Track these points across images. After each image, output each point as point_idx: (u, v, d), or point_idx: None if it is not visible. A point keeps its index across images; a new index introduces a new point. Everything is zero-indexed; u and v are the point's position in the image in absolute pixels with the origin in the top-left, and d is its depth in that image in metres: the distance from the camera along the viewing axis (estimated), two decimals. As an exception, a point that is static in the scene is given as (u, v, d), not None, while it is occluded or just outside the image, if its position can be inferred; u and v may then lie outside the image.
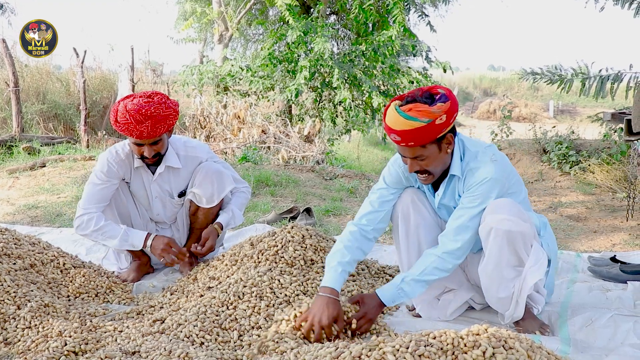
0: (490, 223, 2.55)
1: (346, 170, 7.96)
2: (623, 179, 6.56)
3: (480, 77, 39.06)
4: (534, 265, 2.59)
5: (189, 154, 3.61)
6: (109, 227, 3.44)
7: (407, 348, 1.94)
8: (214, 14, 14.08)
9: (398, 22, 10.94)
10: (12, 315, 2.72)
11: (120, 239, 3.43)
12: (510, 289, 2.63)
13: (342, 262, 2.70)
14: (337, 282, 2.65)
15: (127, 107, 3.19)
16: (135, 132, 3.21)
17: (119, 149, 3.52)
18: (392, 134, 2.52)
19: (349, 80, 11.04)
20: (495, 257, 2.58)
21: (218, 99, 11.81)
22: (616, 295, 3.08)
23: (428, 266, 2.63)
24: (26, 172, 7.34)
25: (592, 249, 4.38)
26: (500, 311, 2.74)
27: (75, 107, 11.61)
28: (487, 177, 2.58)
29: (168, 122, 3.28)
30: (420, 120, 2.44)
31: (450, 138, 2.59)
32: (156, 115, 3.21)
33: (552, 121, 23.87)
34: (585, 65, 7.70)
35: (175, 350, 2.36)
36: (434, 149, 2.56)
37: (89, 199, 3.45)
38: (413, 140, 2.49)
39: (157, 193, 3.61)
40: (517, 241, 2.54)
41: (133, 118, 3.17)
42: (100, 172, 3.45)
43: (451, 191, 2.73)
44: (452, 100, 2.50)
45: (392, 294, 2.65)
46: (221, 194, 3.61)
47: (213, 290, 3.00)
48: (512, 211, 2.55)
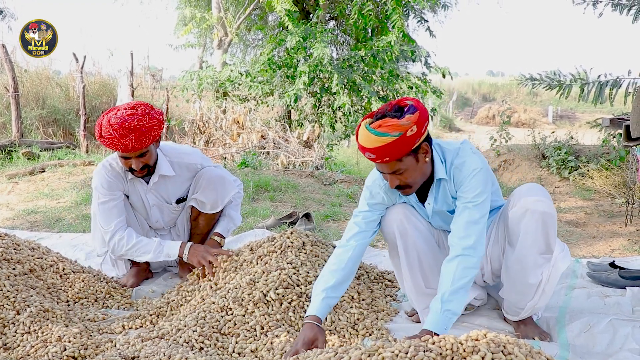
0: (525, 204, 2.55)
1: (345, 175, 7.96)
2: (622, 185, 6.57)
3: (479, 82, 39.10)
4: (561, 252, 2.60)
5: (183, 160, 3.57)
6: (142, 243, 3.43)
7: (407, 353, 1.94)
8: (214, 19, 14.09)
9: (397, 27, 10.96)
10: (11, 320, 2.73)
11: (155, 251, 3.42)
12: (539, 277, 2.62)
13: (325, 288, 2.63)
14: (319, 310, 2.58)
15: (110, 122, 3.14)
16: (120, 145, 3.16)
17: (112, 162, 3.48)
18: (366, 152, 2.49)
19: (348, 86, 11.05)
20: (530, 239, 2.56)
21: (217, 104, 11.82)
22: (615, 300, 3.08)
23: (455, 272, 2.50)
24: (25, 177, 7.34)
25: (591, 255, 4.38)
26: (519, 304, 2.71)
27: (75, 112, 11.62)
28: (476, 167, 2.58)
29: (153, 133, 3.22)
30: (391, 135, 2.40)
31: (425, 147, 2.55)
32: (139, 128, 3.15)
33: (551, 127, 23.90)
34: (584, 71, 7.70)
35: (175, 356, 2.37)
36: (411, 161, 2.52)
37: (107, 217, 3.42)
38: (388, 156, 2.46)
39: (154, 201, 3.60)
40: (550, 224, 2.54)
41: (117, 132, 3.12)
42: (101, 186, 3.42)
43: (442, 196, 2.71)
44: (421, 110, 2.46)
45: (441, 321, 2.43)
46: (225, 200, 3.61)
47: (212, 295, 3.00)
48: (544, 193, 2.58)
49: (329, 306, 2.62)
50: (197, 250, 3.42)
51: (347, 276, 2.71)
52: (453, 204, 2.70)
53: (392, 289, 3.36)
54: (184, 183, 3.63)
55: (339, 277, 2.67)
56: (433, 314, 2.45)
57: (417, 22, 13.98)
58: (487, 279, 2.90)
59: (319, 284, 2.66)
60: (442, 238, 2.92)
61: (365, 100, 11.33)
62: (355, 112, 11.39)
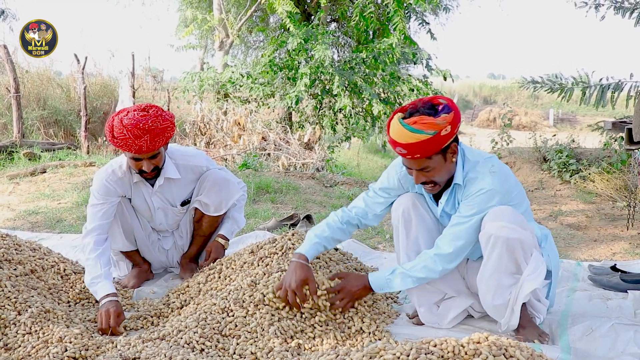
0: (489, 230, 2.58)
1: (346, 177, 7.97)
2: (623, 188, 6.56)
3: (480, 85, 39.08)
4: (532, 274, 2.60)
5: (188, 163, 3.56)
6: (92, 262, 3.21)
7: (408, 356, 1.94)
8: (215, 21, 14.09)
9: (399, 29, 10.96)
10: (12, 321, 2.72)
11: (91, 279, 3.17)
12: (507, 297, 2.64)
13: (319, 235, 2.88)
14: (309, 251, 2.84)
15: (123, 122, 3.11)
16: (133, 147, 3.13)
17: (115, 167, 3.43)
18: (397, 147, 2.54)
19: (349, 88, 11.05)
20: (494, 264, 2.60)
21: (218, 105, 11.82)
22: (616, 304, 3.08)
23: (418, 264, 2.73)
24: (27, 178, 7.34)
25: (593, 258, 4.38)
26: (497, 319, 2.75)
27: (76, 113, 11.63)
28: (483, 188, 2.61)
29: (166, 135, 3.21)
30: (426, 133, 2.46)
31: (454, 147, 2.61)
32: (154, 129, 3.13)
33: (552, 130, 23.88)
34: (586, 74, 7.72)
35: (176, 357, 2.37)
36: (440, 160, 2.58)
37: (91, 219, 3.38)
38: (419, 153, 2.51)
39: (158, 204, 3.59)
40: (516, 249, 2.56)
41: (131, 133, 3.09)
42: (97, 192, 3.39)
43: (453, 200, 2.76)
44: (455, 111, 2.53)
45: (381, 281, 2.79)
46: (229, 202, 3.60)
47: (213, 297, 3.00)
48: (512, 219, 2.57)
49: (318, 251, 2.91)
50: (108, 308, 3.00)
51: (341, 235, 2.97)
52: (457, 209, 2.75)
53: (392, 292, 3.35)
54: (189, 185, 3.61)
55: (335, 233, 2.93)
56: (381, 273, 2.82)
57: (418, 24, 14.01)
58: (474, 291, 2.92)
59: (314, 231, 2.91)
60: None
61: (366, 102, 11.32)
62: (356, 114, 11.39)
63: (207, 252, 3.62)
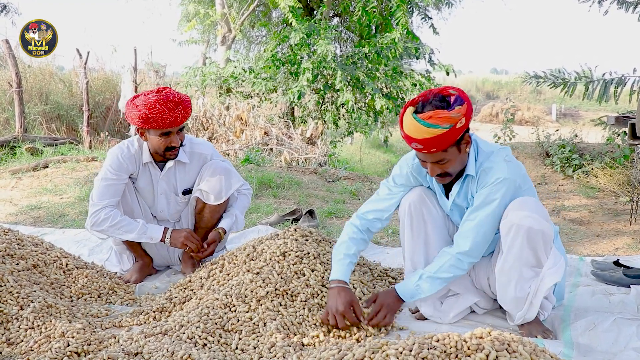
0: (512, 219, 2.56)
1: (349, 172, 7.96)
2: (626, 183, 6.55)
3: (483, 80, 39.03)
4: (552, 267, 2.59)
5: (195, 150, 3.63)
6: (126, 222, 3.44)
7: (411, 351, 1.94)
8: (217, 15, 14.08)
9: (401, 24, 10.93)
10: (15, 316, 2.72)
11: (138, 232, 3.44)
12: (526, 290, 2.63)
13: (348, 254, 2.82)
14: (345, 274, 2.77)
15: (150, 100, 3.25)
16: (169, 119, 3.26)
17: (128, 144, 3.53)
18: (413, 142, 2.52)
19: (352, 83, 11.03)
20: (515, 254, 2.59)
21: (221, 100, 11.82)
22: (619, 299, 3.07)
23: (444, 264, 2.71)
24: (29, 173, 7.35)
25: (595, 253, 4.37)
26: (511, 312, 2.73)
27: (78, 108, 11.63)
28: (500, 177, 2.60)
29: (190, 107, 3.37)
30: (442, 127, 2.45)
31: (467, 138, 2.62)
32: (183, 101, 3.31)
33: (554, 125, 23.85)
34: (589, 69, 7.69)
35: (178, 352, 2.37)
36: (455, 152, 2.59)
37: (103, 194, 3.43)
38: (435, 147, 2.51)
39: (162, 189, 3.62)
40: (537, 240, 2.55)
41: (165, 106, 3.24)
42: (111, 167, 3.45)
43: (464, 191, 2.75)
44: (468, 102, 2.52)
45: (410, 290, 2.75)
46: (229, 191, 3.61)
47: (216, 292, 3.00)
48: (536, 209, 2.57)
49: (351, 270, 2.83)
50: (179, 233, 3.49)
51: (364, 245, 2.94)
52: (471, 201, 2.73)
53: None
54: (194, 173, 3.66)
55: (359, 245, 2.89)
56: (407, 282, 2.78)
57: (421, 19, 13.99)
58: (493, 290, 2.89)
59: (341, 250, 2.84)
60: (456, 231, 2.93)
61: (369, 97, 11.31)
62: (358, 109, 11.38)
63: (210, 240, 3.63)
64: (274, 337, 2.58)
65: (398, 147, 17.07)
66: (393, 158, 15.20)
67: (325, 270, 3.05)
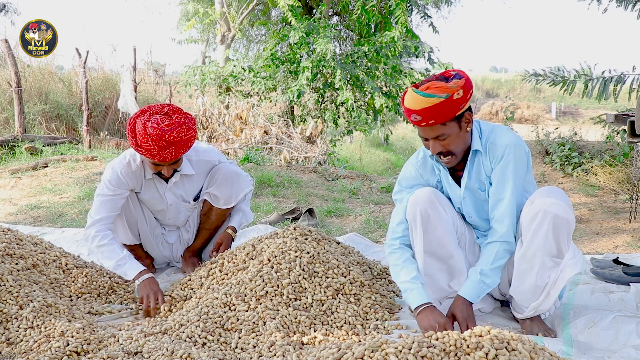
0: (539, 205, 2.56)
1: (348, 171, 7.95)
2: (626, 181, 6.54)
3: (483, 78, 39.04)
4: (572, 258, 2.59)
5: (201, 158, 3.57)
6: (109, 248, 3.34)
7: (410, 349, 1.94)
8: (217, 14, 14.07)
9: (400, 23, 10.94)
10: (14, 316, 2.72)
11: (116, 264, 3.32)
12: (545, 279, 2.62)
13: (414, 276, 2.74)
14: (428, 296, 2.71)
15: (147, 131, 3.05)
16: (158, 157, 3.13)
17: (130, 159, 3.41)
18: (412, 114, 2.55)
19: (351, 81, 11.04)
20: (540, 241, 2.57)
21: (220, 99, 11.83)
22: (619, 297, 3.07)
23: (496, 253, 2.69)
24: (28, 173, 7.35)
25: (595, 251, 4.37)
26: (523, 302, 2.71)
27: (78, 107, 11.62)
28: (510, 142, 2.63)
29: (189, 145, 3.20)
30: (439, 96, 2.49)
31: (468, 116, 2.63)
32: (179, 140, 3.11)
33: (554, 123, 23.84)
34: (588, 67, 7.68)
35: (178, 351, 2.37)
36: (455, 127, 2.60)
37: (99, 209, 3.39)
38: (434, 118, 2.53)
39: (172, 200, 3.58)
40: (562, 228, 2.54)
41: (156, 144, 3.07)
42: (109, 182, 3.38)
43: (476, 169, 2.74)
44: (467, 78, 2.56)
45: (476, 290, 2.69)
46: (239, 196, 3.60)
47: (215, 291, 3.00)
48: (562, 197, 2.58)
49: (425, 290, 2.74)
50: (147, 286, 3.18)
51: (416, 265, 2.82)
52: (486, 181, 2.73)
53: (395, 284, 3.35)
54: (201, 180, 3.62)
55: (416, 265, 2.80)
56: (470, 283, 2.70)
57: (420, 17, 13.97)
58: (502, 288, 2.88)
59: (403, 275, 2.76)
60: (465, 235, 2.90)
61: (368, 95, 11.31)
62: (358, 107, 11.38)
63: (218, 243, 3.62)
64: (273, 336, 2.58)
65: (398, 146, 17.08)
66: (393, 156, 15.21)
67: (325, 268, 3.05)
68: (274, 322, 2.66)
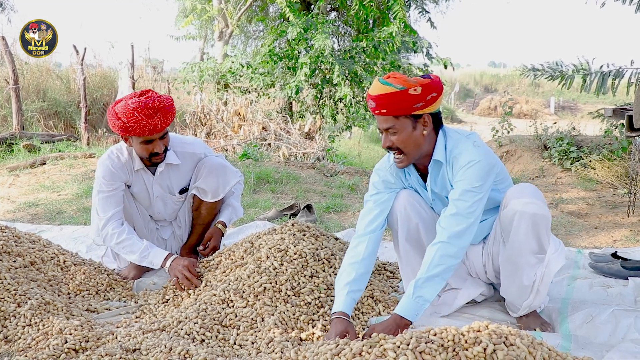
0: (514, 207, 2.55)
1: (347, 167, 7.95)
2: (624, 175, 6.55)
3: (481, 73, 39.04)
4: (555, 252, 2.60)
5: (186, 150, 3.59)
6: (131, 242, 3.37)
7: (408, 345, 1.94)
8: (214, 10, 14.04)
9: (399, 18, 10.90)
10: (12, 313, 2.72)
11: (140, 254, 3.35)
12: (532, 277, 2.62)
13: (348, 282, 2.61)
14: (345, 305, 2.56)
15: (130, 107, 3.13)
16: (148, 127, 3.16)
17: (117, 153, 3.46)
18: (369, 100, 2.58)
19: (350, 77, 11.01)
20: (521, 241, 2.57)
21: (218, 96, 11.80)
22: (617, 291, 3.07)
23: (433, 257, 2.49)
24: (26, 170, 7.34)
25: (593, 245, 4.37)
26: (516, 302, 2.72)
27: (76, 104, 11.61)
28: (472, 159, 2.56)
29: (172, 112, 3.26)
30: (394, 86, 2.49)
31: (427, 119, 2.59)
32: (163, 107, 3.18)
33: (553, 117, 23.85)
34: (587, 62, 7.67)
35: (176, 348, 2.37)
36: (408, 125, 2.57)
37: (105, 207, 3.40)
38: (386, 107, 2.53)
39: (158, 192, 3.60)
40: (541, 226, 2.54)
41: (143, 114, 3.12)
42: (104, 178, 3.40)
43: (441, 179, 2.71)
44: (434, 81, 2.55)
45: (412, 306, 2.46)
46: (226, 188, 3.61)
47: (213, 287, 3.00)
48: (536, 194, 2.57)
49: (353, 300, 2.61)
50: (178, 263, 3.27)
51: (367, 268, 2.69)
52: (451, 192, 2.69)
53: (393, 280, 3.36)
54: (188, 172, 3.63)
55: (360, 270, 2.66)
56: (405, 299, 2.48)
57: (418, 12, 13.92)
58: (490, 277, 2.89)
59: (341, 279, 2.65)
60: None
61: (366, 91, 11.28)
62: (356, 103, 11.36)
63: (207, 238, 3.65)
64: (271, 332, 2.58)
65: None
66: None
67: (324, 265, 3.05)
68: (272, 319, 2.66)
